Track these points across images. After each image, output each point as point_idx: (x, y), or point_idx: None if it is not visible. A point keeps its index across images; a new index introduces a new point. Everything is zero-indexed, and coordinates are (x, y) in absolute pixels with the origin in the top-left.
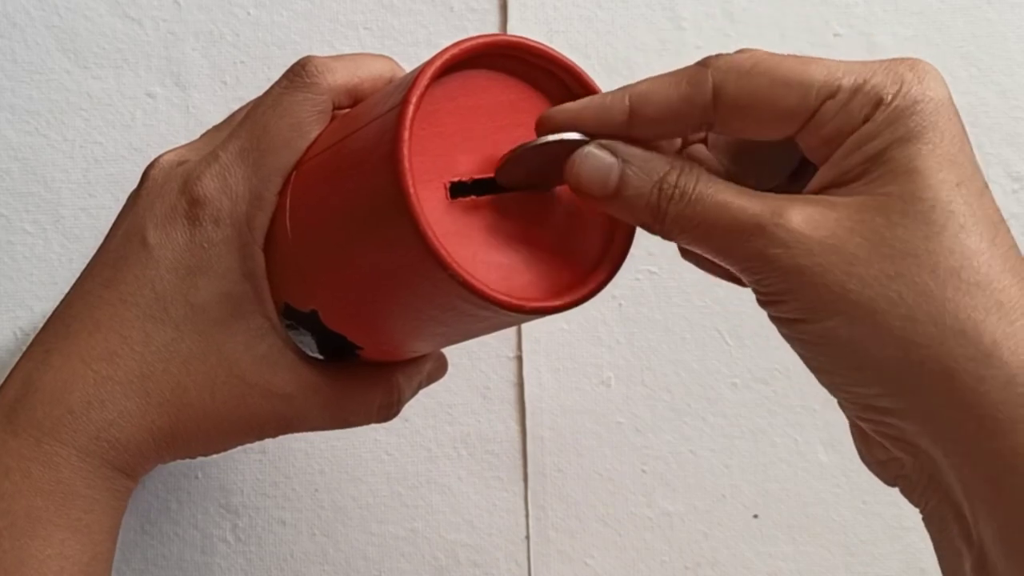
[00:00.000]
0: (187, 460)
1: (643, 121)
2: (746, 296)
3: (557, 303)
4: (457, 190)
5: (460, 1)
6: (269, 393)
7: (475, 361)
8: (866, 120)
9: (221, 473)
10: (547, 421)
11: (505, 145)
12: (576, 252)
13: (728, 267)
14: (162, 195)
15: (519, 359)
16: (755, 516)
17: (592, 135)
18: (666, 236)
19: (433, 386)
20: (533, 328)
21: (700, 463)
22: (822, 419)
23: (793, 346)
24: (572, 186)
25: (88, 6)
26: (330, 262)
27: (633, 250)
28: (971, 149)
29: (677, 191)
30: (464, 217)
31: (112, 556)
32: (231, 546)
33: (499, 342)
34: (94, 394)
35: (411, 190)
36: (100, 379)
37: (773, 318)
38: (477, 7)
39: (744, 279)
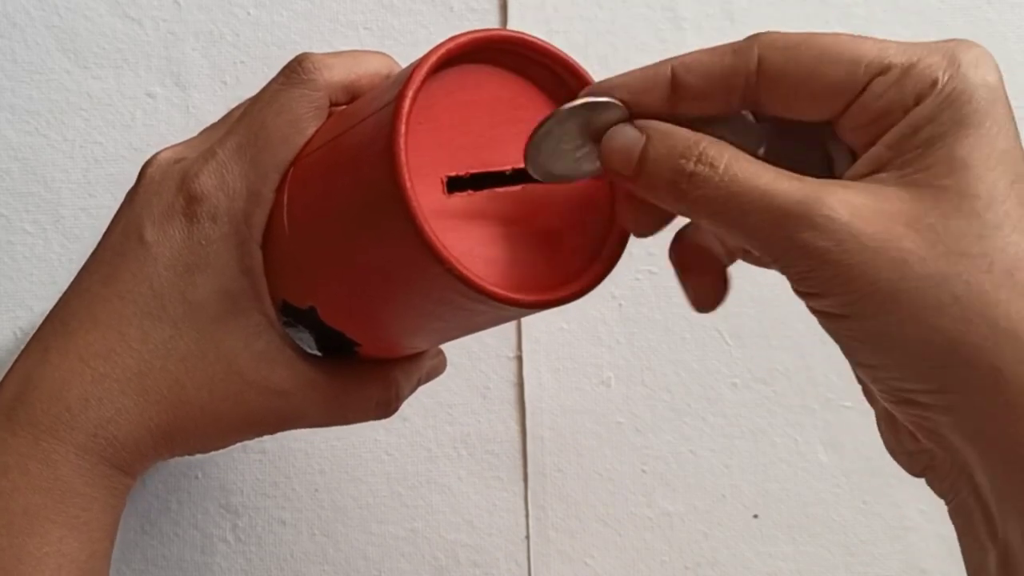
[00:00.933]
0: (187, 459)
1: (686, 93)
2: (746, 296)
3: (554, 297)
4: (454, 184)
5: (460, 1)
6: (267, 390)
7: (475, 361)
8: (919, 101)
9: (221, 473)
10: (547, 421)
11: (502, 140)
12: (573, 246)
13: (760, 255)
14: (159, 192)
15: (519, 359)
16: (755, 516)
17: (633, 110)
18: (694, 217)
19: (433, 386)
20: (533, 328)
21: (700, 463)
22: (822, 419)
23: (833, 337)
24: (604, 165)
25: (88, 6)
26: (328, 258)
27: (633, 250)
28: (1021, 142)
29: (702, 167)
30: (461, 211)
31: (110, 554)
32: (231, 546)
33: (499, 342)
34: (92, 391)
35: (407, 184)
36: (98, 376)
37: (812, 308)
38: (477, 7)
39: (778, 269)
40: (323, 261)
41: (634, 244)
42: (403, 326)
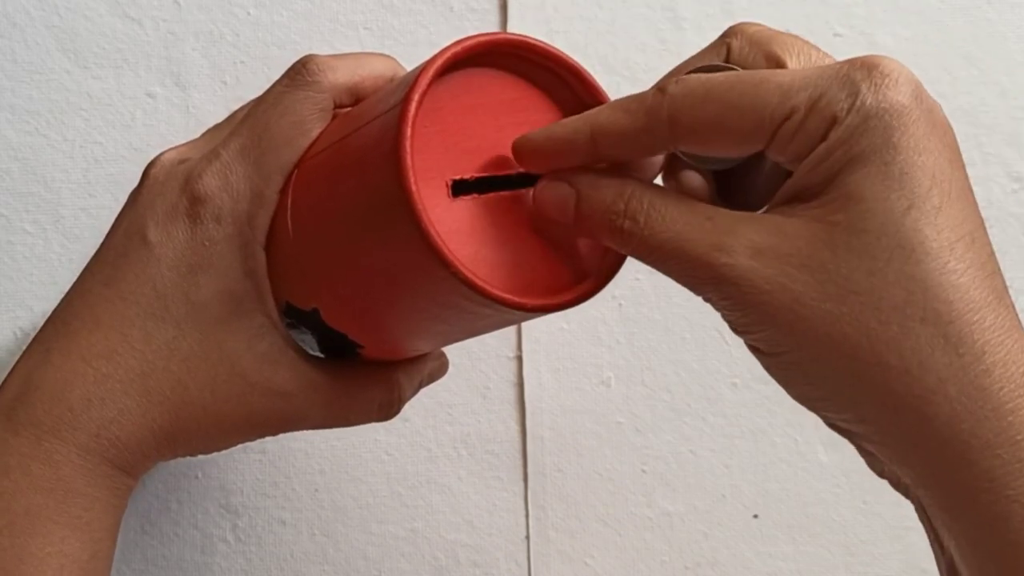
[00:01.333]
0: (187, 460)
1: (606, 149)
2: None
3: (558, 300)
4: (459, 188)
5: (460, 1)
6: (270, 391)
7: (475, 361)
8: (823, 139)
9: (221, 473)
10: (547, 421)
11: (506, 144)
12: (577, 250)
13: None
14: (163, 193)
15: (519, 359)
16: (755, 516)
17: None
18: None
19: (433, 386)
20: (533, 328)
21: (700, 463)
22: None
23: (764, 368)
24: (539, 215)
25: (88, 6)
26: (332, 260)
27: None
28: (941, 149)
29: (627, 221)
30: (466, 215)
31: (112, 554)
32: (231, 546)
33: (499, 342)
34: (94, 392)
35: (413, 187)
36: (100, 377)
37: (744, 341)
38: (477, 7)
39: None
40: (327, 263)
41: None
42: (407, 328)
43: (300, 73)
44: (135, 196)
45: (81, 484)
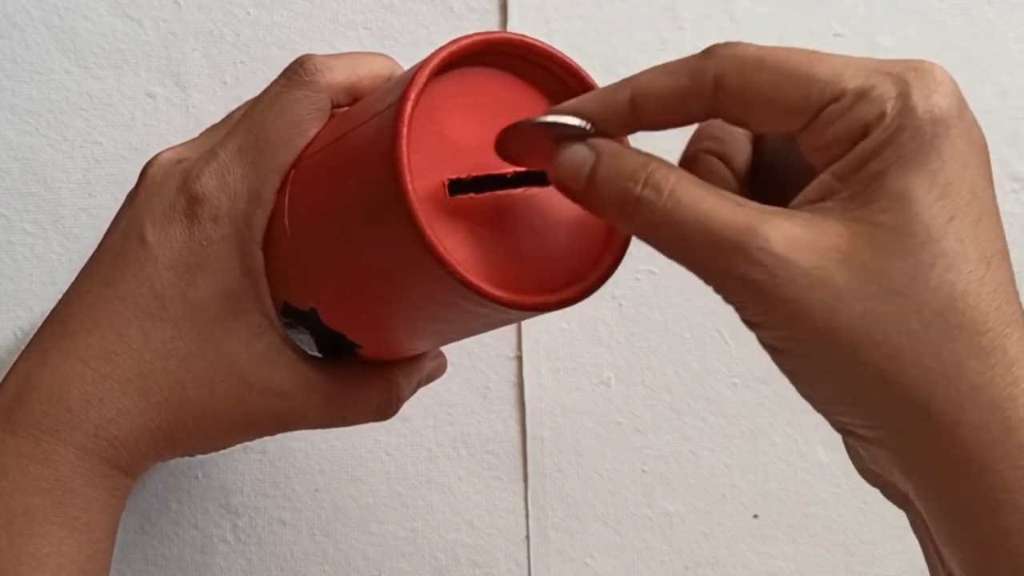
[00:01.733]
0: (187, 460)
1: (646, 115)
2: None
3: (555, 299)
4: (456, 187)
5: (460, 1)
6: (268, 391)
7: (475, 361)
8: (867, 133)
9: (221, 473)
10: (547, 421)
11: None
12: (575, 249)
13: (705, 283)
14: (160, 193)
15: (519, 359)
16: (755, 516)
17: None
18: (641, 239)
19: (433, 386)
20: (533, 328)
21: (700, 463)
22: (822, 419)
23: (776, 365)
24: (551, 178)
25: (88, 6)
26: (329, 260)
27: (633, 250)
28: (980, 164)
29: (648, 191)
30: (462, 214)
31: (110, 554)
32: (231, 546)
33: (499, 342)
34: (92, 392)
35: (409, 187)
36: (98, 377)
37: (758, 339)
38: (477, 7)
39: (723, 298)
40: (325, 262)
41: (634, 244)
42: (404, 328)
43: (297, 73)
44: (132, 196)
45: (79, 484)
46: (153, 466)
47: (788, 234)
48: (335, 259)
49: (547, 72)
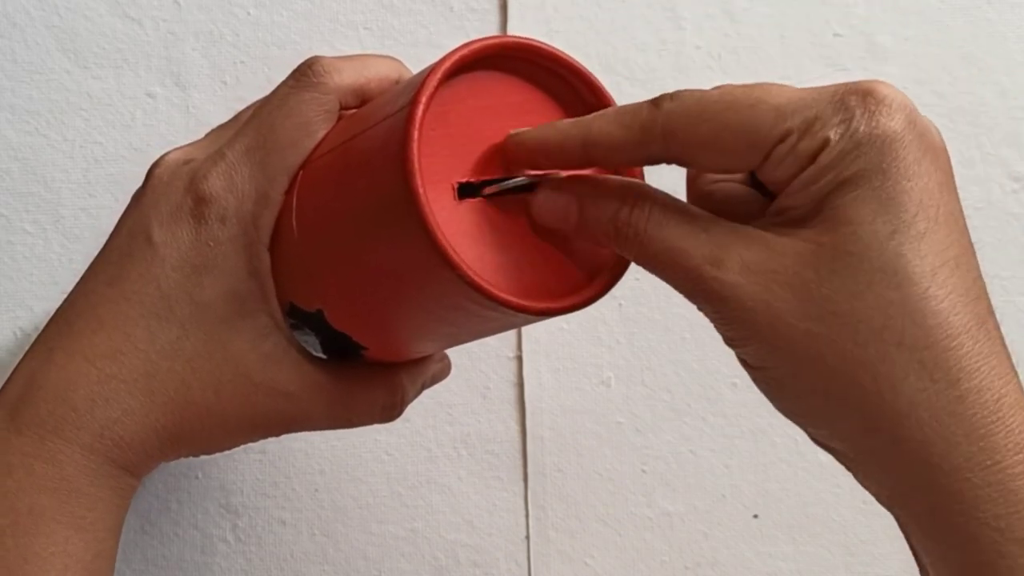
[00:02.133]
0: (188, 460)
1: (597, 158)
2: None
3: (564, 304)
4: (465, 191)
5: (460, 1)
6: (273, 391)
7: (475, 361)
8: (814, 160)
9: (221, 473)
10: (547, 421)
11: None
12: (583, 253)
13: None
14: (167, 193)
15: (519, 359)
16: (755, 516)
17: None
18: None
19: (433, 386)
20: (533, 328)
21: (700, 463)
22: None
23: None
24: (540, 223)
25: (88, 6)
26: (337, 261)
27: None
28: (932, 173)
29: (631, 229)
30: (472, 218)
31: (115, 554)
32: (231, 546)
33: (499, 342)
34: (98, 392)
35: (420, 190)
36: (104, 377)
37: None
38: (477, 7)
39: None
40: (332, 264)
41: None
42: (411, 330)
43: (306, 74)
44: (139, 196)
45: (84, 484)
46: (157, 466)
47: (742, 259)
48: (343, 260)
49: (556, 76)
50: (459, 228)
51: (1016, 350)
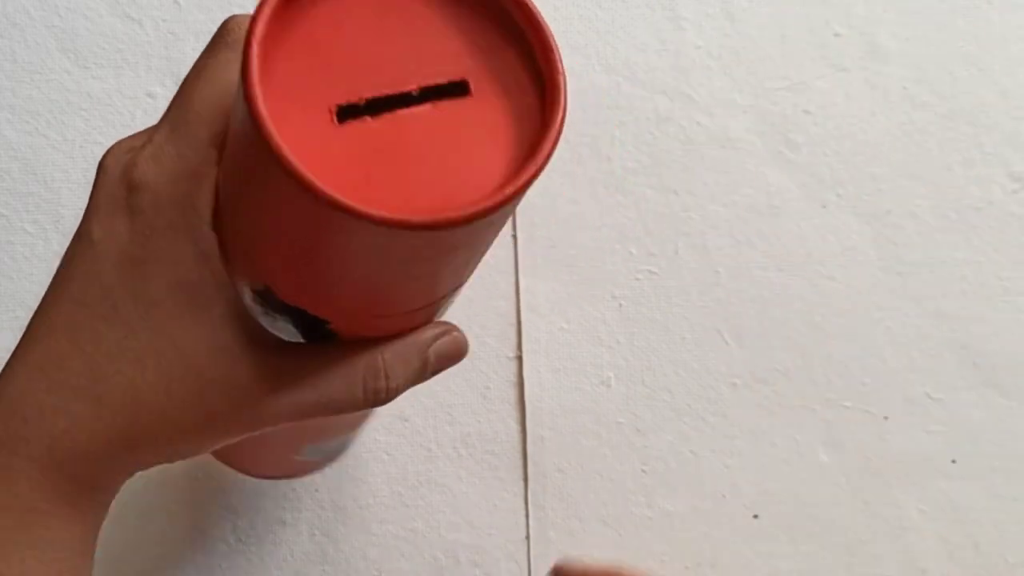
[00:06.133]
0: (187, 460)
1: None
2: (746, 296)
3: (463, 214)
4: (345, 113)
5: None
6: (228, 386)
7: (475, 361)
8: None
9: (221, 473)
10: (547, 421)
11: (397, 54)
12: (487, 165)
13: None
14: (104, 185)
15: (519, 359)
16: (755, 516)
17: None
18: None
19: (433, 386)
20: (533, 328)
21: (700, 463)
22: (822, 419)
23: None
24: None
25: (88, 6)
26: (251, 225)
27: (633, 250)
28: None
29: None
30: (356, 139)
31: (86, 574)
32: (231, 546)
33: (499, 342)
34: (46, 401)
35: (265, 116)
36: (53, 385)
37: None
38: None
39: None
40: (250, 230)
41: (634, 244)
42: (344, 287)
43: (221, 36)
44: (90, 193)
45: (39, 501)
46: (130, 477)
47: None
48: (252, 223)
49: None
50: (340, 151)
51: (1016, 350)
